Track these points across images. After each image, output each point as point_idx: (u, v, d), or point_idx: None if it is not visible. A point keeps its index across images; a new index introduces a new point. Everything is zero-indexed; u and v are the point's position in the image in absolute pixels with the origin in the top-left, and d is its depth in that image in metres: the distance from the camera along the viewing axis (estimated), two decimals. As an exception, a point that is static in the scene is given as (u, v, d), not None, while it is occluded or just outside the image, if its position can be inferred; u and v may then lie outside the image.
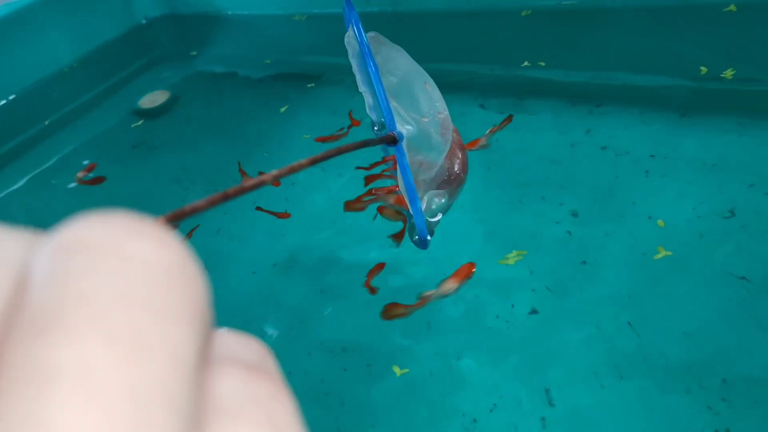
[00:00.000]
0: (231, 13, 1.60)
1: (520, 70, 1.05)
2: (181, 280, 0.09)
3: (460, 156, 0.48)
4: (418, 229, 0.42)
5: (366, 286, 0.72)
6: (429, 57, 0.49)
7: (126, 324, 0.08)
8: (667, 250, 0.67)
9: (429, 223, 0.44)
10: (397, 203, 0.69)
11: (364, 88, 0.48)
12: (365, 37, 0.42)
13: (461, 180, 0.47)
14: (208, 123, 1.19)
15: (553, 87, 1.00)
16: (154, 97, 1.28)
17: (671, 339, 0.59)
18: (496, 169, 0.85)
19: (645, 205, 0.73)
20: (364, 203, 0.75)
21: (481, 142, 0.89)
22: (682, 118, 0.84)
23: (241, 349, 0.11)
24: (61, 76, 1.45)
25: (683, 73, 0.92)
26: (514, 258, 0.71)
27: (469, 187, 0.52)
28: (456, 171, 0.47)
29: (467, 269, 0.69)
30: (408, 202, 0.42)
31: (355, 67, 0.46)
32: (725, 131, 0.79)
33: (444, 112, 0.44)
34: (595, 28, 1.11)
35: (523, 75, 1.04)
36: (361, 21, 0.42)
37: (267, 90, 1.25)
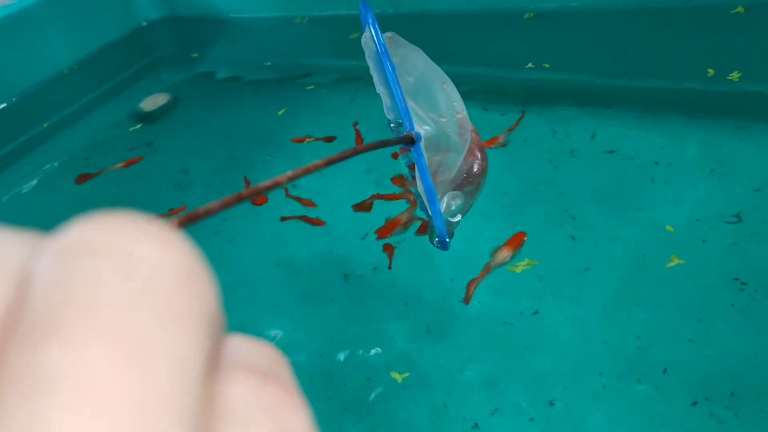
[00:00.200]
0: (232, 15, 1.60)
1: (524, 72, 1.05)
2: (188, 283, 0.09)
3: (480, 156, 0.47)
4: (438, 231, 0.42)
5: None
6: (430, 59, 0.49)
7: (130, 329, 0.08)
8: (673, 256, 0.66)
9: (449, 223, 0.44)
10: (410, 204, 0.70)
11: (381, 89, 0.47)
12: (382, 37, 0.42)
13: (480, 180, 0.47)
14: (208, 125, 1.18)
15: (557, 89, 1.00)
16: (154, 100, 1.27)
17: (676, 346, 0.58)
18: (499, 173, 0.85)
19: (650, 210, 0.72)
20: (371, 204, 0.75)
21: (499, 141, 0.89)
22: (689, 121, 0.84)
23: (254, 355, 0.11)
24: (61, 78, 1.43)
25: (690, 75, 0.92)
26: (523, 266, 0.70)
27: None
28: (475, 171, 0.46)
29: (518, 238, 0.71)
30: (427, 203, 0.41)
31: (372, 68, 0.46)
32: (731, 134, 0.79)
33: (462, 112, 0.43)
34: (600, 31, 1.11)
35: (527, 77, 1.04)
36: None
37: (267, 92, 1.24)
